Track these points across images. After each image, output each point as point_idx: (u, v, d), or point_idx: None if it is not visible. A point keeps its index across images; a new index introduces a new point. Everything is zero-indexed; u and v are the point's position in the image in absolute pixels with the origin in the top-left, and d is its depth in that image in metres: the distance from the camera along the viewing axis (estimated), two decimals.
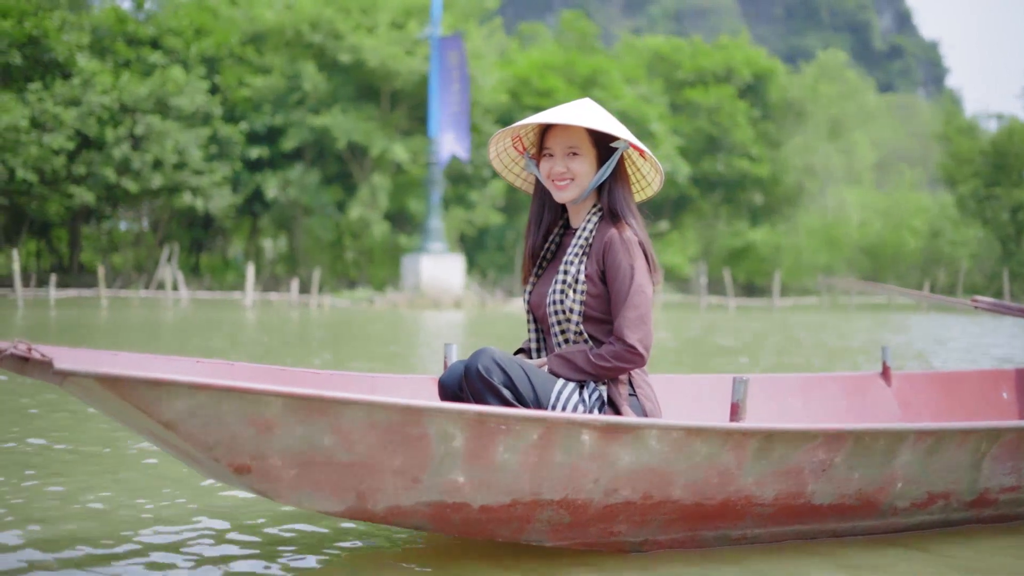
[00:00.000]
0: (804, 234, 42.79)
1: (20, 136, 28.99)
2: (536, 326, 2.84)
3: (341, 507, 2.33)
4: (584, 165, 2.75)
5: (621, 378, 2.69)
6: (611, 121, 2.75)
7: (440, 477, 2.32)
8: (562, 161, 2.76)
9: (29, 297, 25.89)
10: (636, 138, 2.78)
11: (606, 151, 2.76)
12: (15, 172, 29.41)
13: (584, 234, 2.75)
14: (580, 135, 2.75)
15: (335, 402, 2.17)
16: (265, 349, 10.44)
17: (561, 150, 2.76)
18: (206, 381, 2.08)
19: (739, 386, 2.55)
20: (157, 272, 32.39)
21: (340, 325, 16.67)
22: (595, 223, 2.75)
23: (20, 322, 14.20)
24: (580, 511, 2.46)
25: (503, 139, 2.89)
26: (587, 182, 2.76)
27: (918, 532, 2.98)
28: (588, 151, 2.75)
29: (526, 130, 2.87)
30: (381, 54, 34.03)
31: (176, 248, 33.12)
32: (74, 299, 26.06)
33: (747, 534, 2.73)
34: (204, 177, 32.71)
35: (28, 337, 10.84)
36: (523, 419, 2.30)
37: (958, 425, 2.78)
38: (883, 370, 4.01)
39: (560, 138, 2.77)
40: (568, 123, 2.68)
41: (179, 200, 32.78)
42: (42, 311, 18.61)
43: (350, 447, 2.23)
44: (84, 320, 15.88)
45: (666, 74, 43.46)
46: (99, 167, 31.08)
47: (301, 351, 10.11)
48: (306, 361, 8.79)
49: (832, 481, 2.69)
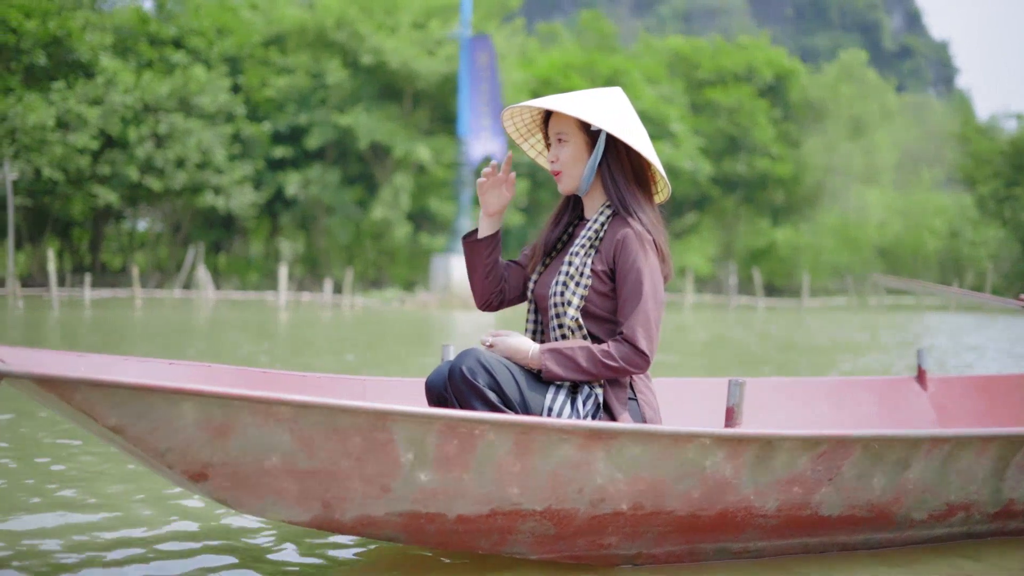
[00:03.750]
0: (825, 234, 42.43)
1: (46, 135, 29.14)
2: (536, 316, 2.68)
3: (306, 517, 2.17)
4: (571, 153, 2.60)
5: (622, 381, 2.52)
6: (597, 108, 2.55)
7: (411, 486, 2.15)
8: (554, 149, 2.63)
9: (64, 297, 25.85)
10: (633, 134, 2.56)
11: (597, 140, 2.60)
12: (41, 172, 29.57)
13: (594, 227, 2.59)
14: (567, 122, 2.60)
15: (293, 406, 2.01)
16: (304, 349, 10.31)
17: (553, 138, 2.64)
18: (152, 383, 1.93)
19: (735, 389, 2.36)
20: (182, 272, 32.47)
21: (374, 325, 16.50)
22: (607, 216, 2.60)
23: (54, 324, 13.99)
24: (565, 522, 2.29)
25: (532, 137, 2.80)
26: (578, 171, 2.61)
27: (939, 545, 2.79)
28: (576, 138, 2.59)
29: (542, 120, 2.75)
30: (403, 55, 34.01)
31: (202, 248, 33.21)
32: (108, 300, 25.99)
33: (749, 547, 2.54)
34: (226, 176, 32.78)
35: (68, 340, 10.74)
36: (497, 424, 2.13)
37: (977, 432, 2.58)
38: (918, 374, 3.84)
39: (553, 125, 2.64)
40: (533, 105, 2.59)
41: (201, 199, 32.86)
42: (77, 312, 18.38)
43: (312, 453, 2.07)
44: (119, 321, 15.59)
45: (686, 74, 43.20)
46: (122, 166, 31.21)
47: (337, 351, 9.97)
48: (340, 362, 8.66)
49: (840, 491, 2.50)
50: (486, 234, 2.70)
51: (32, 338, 10.99)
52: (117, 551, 2.54)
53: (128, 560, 2.47)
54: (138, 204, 34.87)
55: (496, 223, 2.71)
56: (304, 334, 13.39)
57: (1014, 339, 14.59)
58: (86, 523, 2.82)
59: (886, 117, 46.78)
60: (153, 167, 31.67)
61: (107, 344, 10.48)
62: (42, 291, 27.17)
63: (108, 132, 30.87)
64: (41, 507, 2.99)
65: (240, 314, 19.50)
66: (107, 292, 28.40)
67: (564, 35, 47.75)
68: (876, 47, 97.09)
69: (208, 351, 9.65)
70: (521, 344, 2.48)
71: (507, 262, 2.79)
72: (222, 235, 38.03)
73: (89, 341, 10.78)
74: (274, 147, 34.79)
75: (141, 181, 31.69)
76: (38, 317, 15.73)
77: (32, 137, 28.97)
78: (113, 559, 2.48)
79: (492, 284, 2.70)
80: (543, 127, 2.74)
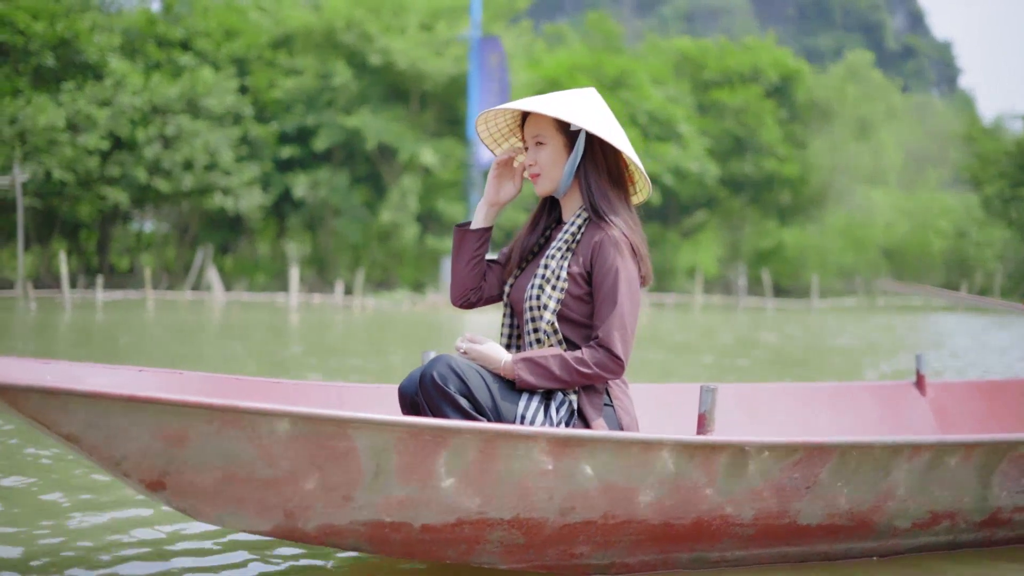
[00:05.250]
0: (831, 235, 42.30)
1: (56, 136, 29.21)
2: (512, 321, 2.64)
3: (268, 526, 2.13)
4: (550, 154, 2.56)
5: (597, 387, 2.48)
6: (576, 108, 2.51)
7: (374, 494, 2.11)
8: (532, 152, 2.59)
9: (76, 299, 25.81)
10: (612, 134, 2.53)
11: (575, 141, 2.56)
12: (51, 173, 29.64)
13: (571, 229, 2.55)
14: (545, 123, 2.56)
15: (250, 413, 1.97)
16: (338, 351, 10.28)
17: (530, 140, 2.59)
18: (104, 391, 1.89)
19: (706, 395, 2.31)
20: (191, 273, 32.51)
21: (393, 327, 16.39)
22: (584, 219, 2.56)
23: (72, 327, 13.80)
24: (535, 531, 2.25)
25: (504, 141, 2.74)
26: (556, 173, 2.57)
27: (925, 554, 2.74)
28: (554, 139, 2.56)
29: (517, 124, 2.70)
30: (410, 56, 34.01)
31: (211, 250, 33.26)
32: (121, 301, 25.93)
33: (727, 556, 2.49)
34: (234, 177, 32.82)
35: (90, 346, 10.62)
36: (461, 432, 2.08)
37: (959, 438, 2.52)
38: (917, 379, 3.79)
39: (530, 127, 2.60)
40: (509, 108, 2.54)
41: (209, 200, 32.90)
42: (91, 314, 18.15)
43: (272, 462, 2.03)
44: (136, 323, 15.41)
45: (692, 75, 43.10)
46: (131, 167, 31.28)
47: (378, 352, 9.94)
48: (385, 364, 8.61)
49: (819, 499, 2.45)
50: (479, 226, 2.66)
51: (49, 344, 10.67)
52: (124, 552, 2.56)
53: (135, 558, 2.50)
54: (145, 205, 34.94)
55: (492, 216, 2.68)
56: (330, 336, 13.32)
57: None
58: (97, 523, 2.84)
59: (892, 118, 46.61)
60: (161, 169, 31.73)
61: (135, 349, 10.27)
62: (53, 293, 27.16)
63: (117, 134, 30.95)
64: (58, 508, 3.00)
65: (256, 316, 19.39)
66: (119, 294, 28.39)
67: (570, 36, 47.70)
68: (879, 47, 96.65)
69: (243, 354, 9.51)
70: (494, 353, 2.44)
71: (488, 260, 2.76)
72: (229, 236, 38.08)
73: (109, 346, 10.54)
74: (281, 148, 34.84)
75: (150, 183, 31.76)
76: (53, 320, 15.49)
77: (42, 139, 29.05)
78: (118, 558, 2.49)
79: (474, 279, 2.67)
80: (520, 131, 2.70)
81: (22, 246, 26.50)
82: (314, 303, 28.75)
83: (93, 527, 2.83)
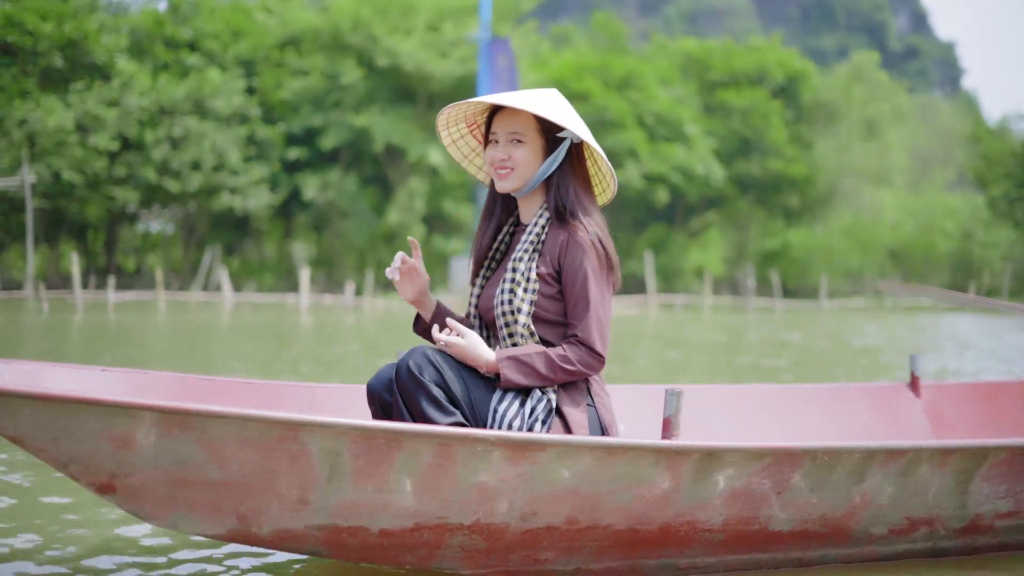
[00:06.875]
0: (838, 235, 42.14)
1: (65, 137, 29.27)
2: (481, 329, 2.61)
3: (222, 530, 2.10)
4: (527, 154, 2.53)
5: (577, 385, 2.46)
6: (564, 113, 2.52)
7: (330, 498, 2.07)
8: (505, 148, 2.54)
9: (88, 300, 25.78)
10: (592, 137, 2.54)
11: (554, 143, 2.54)
12: (60, 174, 29.71)
13: (535, 230, 2.53)
14: (526, 121, 2.53)
15: (199, 415, 1.93)
16: (380, 351, 10.23)
17: (505, 136, 2.55)
18: (47, 392, 1.85)
19: (671, 399, 2.27)
20: (199, 274, 32.54)
21: (400, 327, 16.35)
22: (547, 219, 2.54)
23: (82, 327, 13.71)
24: (496, 536, 2.20)
25: (454, 125, 2.68)
26: (530, 173, 2.54)
27: (904, 562, 2.68)
28: (534, 140, 2.53)
29: (480, 116, 2.66)
30: (417, 57, 34.01)
31: (219, 251, 33.28)
32: (132, 303, 25.89)
33: (696, 563, 2.45)
34: (241, 177, 32.84)
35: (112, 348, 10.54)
36: (415, 435, 2.04)
37: (935, 443, 2.47)
38: (911, 381, 3.73)
39: (505, 123, 2.55)
40: (511, 105, 2.47)
41: (217, 200, 32.93)
42: (104, 315, 17.95)
43: (223, 465, 1.99)
44: (151, 325, 15.29)
45: (698, 76, 42.98)
46: (139, 168, 31.34)
47: (358, 355, 9.90)
48: (351, 365, 8.54)
49: (791, 505, 2.40)
50: (429, 315, 2.64)
51: (65, 346, 10.47)
52: (125, 552, 2.55)
53: (134, 558, 2.49)
54: (152, 206, 35.00)
55: (428, 303, 2.64)
56: (357, 336, 13.22)
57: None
58: (97, 522, 2.83)
59: (898, 118, 46.41)
60: (170, 169, 31.77)
61: (155, 349, 10.17)
62: (63, 293, 27.19)
63: (125, 134, 31.01)
64: (58, 508, 3.00)
65: (270, 317, 19.28)
66: (131, 295, 28.39)
67: (576, 36, 47.62)
68: (882, 48, 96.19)
69: (282, 356, 9.37)
70: (477, 350, 2.41)
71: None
72: (235, 237, 38.13)
73: (131, 347, 10.39)
74: (289, 149, 34.85)
75: (159, 183, 31.82)
76: (68, 321, 15.33)
77: (51, 140, 29.11)
78: (122, 561, 2.48)
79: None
80: (481, 122, 2.66)
81: (31, 247, 26.52)
82: (324, 304, 28.74)
83: (93, 527, 2.81)
